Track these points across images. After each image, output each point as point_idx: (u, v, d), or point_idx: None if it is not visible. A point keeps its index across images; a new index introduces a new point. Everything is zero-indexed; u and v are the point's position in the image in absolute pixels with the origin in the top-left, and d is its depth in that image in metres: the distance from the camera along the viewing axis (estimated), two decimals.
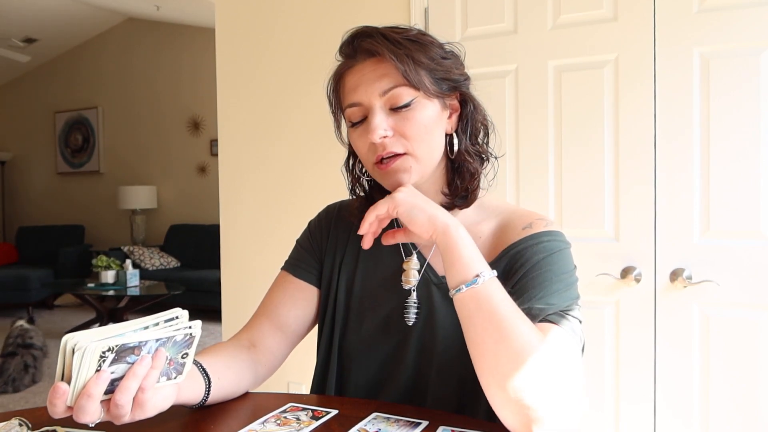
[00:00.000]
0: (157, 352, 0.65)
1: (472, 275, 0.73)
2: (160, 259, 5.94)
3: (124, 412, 0.64)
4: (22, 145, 7.47)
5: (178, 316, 0.67)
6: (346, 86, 0.84)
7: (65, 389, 0.61)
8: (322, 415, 0.78)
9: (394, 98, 0.80)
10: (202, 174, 6.39)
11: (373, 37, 0.81)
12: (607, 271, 1.67)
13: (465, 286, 0.73)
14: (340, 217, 1.00)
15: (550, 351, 0.71)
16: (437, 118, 0.83)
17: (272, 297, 0.97)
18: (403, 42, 0.80)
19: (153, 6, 5.86)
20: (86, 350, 0.60)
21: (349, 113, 0.84)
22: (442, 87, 0.83)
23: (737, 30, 1.53)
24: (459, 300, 0.74)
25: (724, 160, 1.55)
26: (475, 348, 0.72)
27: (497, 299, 0.72)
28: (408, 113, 0.80)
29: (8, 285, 5.73)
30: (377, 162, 0.83)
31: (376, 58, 0.81)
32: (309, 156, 2.17)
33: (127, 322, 0.65)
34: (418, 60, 0.80)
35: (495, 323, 0.71)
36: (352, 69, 0.83)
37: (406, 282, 0.89)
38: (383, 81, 0.80)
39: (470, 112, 0.87)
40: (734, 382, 1.55)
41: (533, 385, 0.69)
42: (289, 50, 2.21)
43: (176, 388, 0.71)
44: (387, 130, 0.80)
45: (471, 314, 0.73)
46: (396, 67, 0.79)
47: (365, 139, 0.82)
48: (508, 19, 1.81)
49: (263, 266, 2.23)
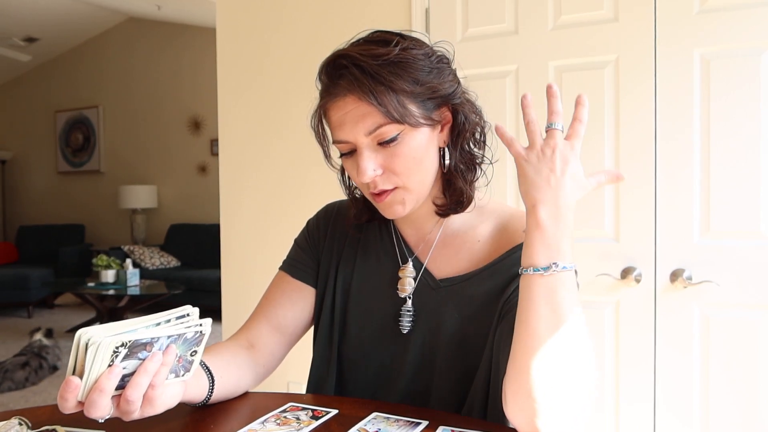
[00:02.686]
0: (167, 349, 0.65)
1: (546, 263, 0.72)
2: (161, 258, 5.94)
3: (134, 408, 0.64)
4: (23, 144, 7.47)
5: (189, 314, 0.67)
6: (331, 121, 0.81)
7: (77, 383, 0.61)
8: (322, 414, 0.78)
9: (379, 136, 0.78)
10: (202, 173, 6.39)
11: (348, 72, 0.77)
12: (608, 272, 1.67)
13: (533, 270, 0.72)
14: (338, 218, 1.00)
15: (584, 354, 0.72)
16: (427, 144, 0.81)
17: (270, 297, 0.97)
18: (381, 72, 0.75)
19: (154, 5, 5.86)
20: (100, 345, 0.60)
21: (338, 146, 0.82)
22: (428, 108, 0.80)
23: (737, 31, 1.53)
24: (525, 280, 0.73)
25: (724, 161, 1.55)
26: (525, 329, 0.72)
27: (564, 295, 0.71)
28: (395, 148, 0.79)
29: (8, 284, 5.72)
30: (371, 193, 0.83)
31: (354, 95, 0.77)
32: (309, 156, 2.17)
33: (138, 318, 0.65)
34: (400, 89, 0.76)
35: (555, 316, 0.70)
36: (334, 104, 0.79)
37: (401, 290, 0.89)
38: (367, 121, 0.77)
39: (461, 123, 0.84)
40: (734, 383, 1.55)
41: (561, 381, 0.69)
42: (289, 50, 2.21)
43: (183, 385, 0.72)
44: (376, 169, 0.79)
45: (533, 297, 0.72)
46: (377, 108, 0.75)
47: (356, 175, 0.81)
48: (508, 19, 1.81)
49: (263, 266, 2.23)
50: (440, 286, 0.87)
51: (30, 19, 6.00)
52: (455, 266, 0.88)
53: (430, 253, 0.90)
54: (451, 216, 0.89)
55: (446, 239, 0.91)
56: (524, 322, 0.72)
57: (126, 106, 6.79)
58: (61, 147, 7.19)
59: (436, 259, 0.90)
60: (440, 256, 0.90)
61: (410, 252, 0.92)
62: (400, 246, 0.93)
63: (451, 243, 0.90)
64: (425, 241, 0.91)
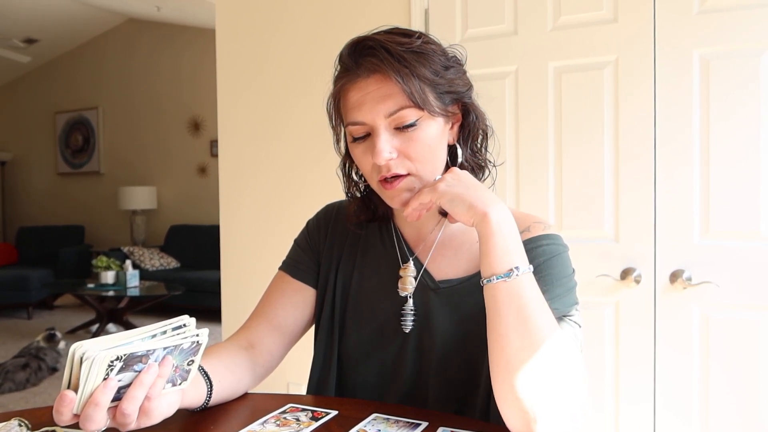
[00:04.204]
0: (163, 360, 0.65)
1: (507, 268, 0.72)
2: (160, 259, 5.94)
3: (130, 420, 0.64)
4: (23, 145, 7.47)
5: (185, 324, 0.67)
6: (348, 102, 0.81)
7: (72, 398, 0.61)
8: (322, 416, 0.78)
9: (399, 119, 0.78)
10: (202, 174, 6.39)
11: (376, 53, 0.78)
12: (607, 272, 1.67)
13: (496, 278, 0.72)
14: (338, 218, 1.00)
15: (564, 355, 0.72)
16: (441, 135, 0.83)
17: (270, 298, 0.97)
18: (406, 57, 0.77)
19: (153, 7, 5.87)
20: (95, 360, 0.59)
21: (352, 129, 0.82)
22: (445, 101, 0.81)
23: (737, 31, 1.53)
24: (489, 290, 0.73)
25: (723, 162, 1.55)
26: (497, 339, 0.72)
27: (528, 296, 0.72)
28: (413, 134, 0.79)
29: (8, 285, 5.72)
30: (381, 180, 0.82)
31: (380, 75, 0.78)
32: (309, 156, 2.17)
33: (135, 329, 0.64)
34: (423, 76, 0.78)
35: (522, 319, 0.70)
36: (354, 84, 0.80)
37: (402, 289, 0.89)
38: (388, 102, 0.78)
39: (472, 121, 0.86)
40: (734, 384, 1.55)
41: (545, 386, 0.69)
42: (289, 51, 2.21)
43: (181, 394, 0.71)
44: (392, 152, 0.79)
45: (499, 306, 0.72)
46: (402, 88, 0.77)
47: (369, 158, 0.81)
48: (508, 20, 1.82)
49: (263, 266, 2.23)
50: (439, 287, 0.87)
51: (30, 21, 6.01)
52: (454, 268, 0.88)
53: (430, 254, 0.90)
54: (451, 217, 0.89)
55: (446, 240, 0.91)
56: (495, 332, 0.72)
57: (126, 107, 6.79)
58: (61, 148, 7.20)
59: (436, 259, 0.90)
60: (440, 257, 0.90)
61: (410, 252, 0.92)
62: (400, 246, 0.93)
63: (450, 244, 0.90)
64: (425, 242, 0.92)
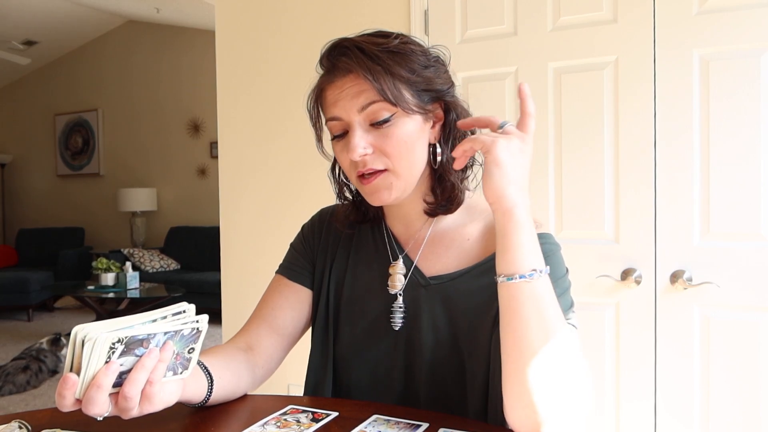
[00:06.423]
0: (164, 346, 0.65)
1: (529, 268, 0.71)
2: (160, 261, 5.94)
3: (133, 404, 0.64)
4: (22, 147, 7.47)
5: (185, 310, 0.68)
6: (326, 100, 0.84)
7: (75, 380, 0.61)
8: (323, 417, 0.78)
9: (372, 114, 0.79)
10: (202, 176, 6.39)
11: (349, 52, 0.80)
12: (607, 273, 1.67)
13: (519, 277, 0.71)
14: (332, 221, 1.00)
15: (575, 359, 0.72)
16: (419, 132, 0.82)
17: (268, 300, 0.97)
18: (380, 56, 0.78)
19: (153, 8, 5.87)
20: (97, 341, 0.60)
21: (330, 126, 0.84)
22: (423, 99, 0.82)
23: (737, 32, 1.53)
24: (508, 288, 0.72)
25: (724, 162, 1.55)
26: (515, 341, 0.71)
27: (549, 298, 0.71)
28: (388, 130, 0.80)
29: (8, 287, 5.72)
30: (359, 175, 0.83)
31: (354, 74, 0.79)
32: (309, 158, 2.17)
33: (135, 315, 0.65)
34: (397, 74, 0.79)
35: (542, 321, 0.70)
36: (331, 84, 0.82)
37: (392, 287, 0.89)
38: (360, 97, 0.79)
39: (453, 120, 0.86)
40: (735, 384, 1.55)
41: (558, 389, 0.69)
42: (289, 52, 2.21)
43: (182, 383, 0.72)
44: (366, 147, 0.80)
45: (520, 307, 0.71)
46: (372, 85, 0.78)
47: (347, 154, 0.82)
48: (508, 21, 1.82)
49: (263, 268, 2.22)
50: (430, 283, 0.88)
51: (29, 23, 6.01)
52: (445, 264, 0.89)
53: (420, 251, 0.90)
54: (440, 216, 0.90)
55: (436, 237, 0.91)
56: (514, 332, 0.71)
57: (125, 108, 6.79)
58: (61, 150, 7.20)
59: (427, 256, 0.90)
60: (430, 254, 0.90)
61: (401, 249, 0.92)
62: (390, 244, 0.93)
63: (440, 241, 0.91)
64: (415, 239, 0.92)
